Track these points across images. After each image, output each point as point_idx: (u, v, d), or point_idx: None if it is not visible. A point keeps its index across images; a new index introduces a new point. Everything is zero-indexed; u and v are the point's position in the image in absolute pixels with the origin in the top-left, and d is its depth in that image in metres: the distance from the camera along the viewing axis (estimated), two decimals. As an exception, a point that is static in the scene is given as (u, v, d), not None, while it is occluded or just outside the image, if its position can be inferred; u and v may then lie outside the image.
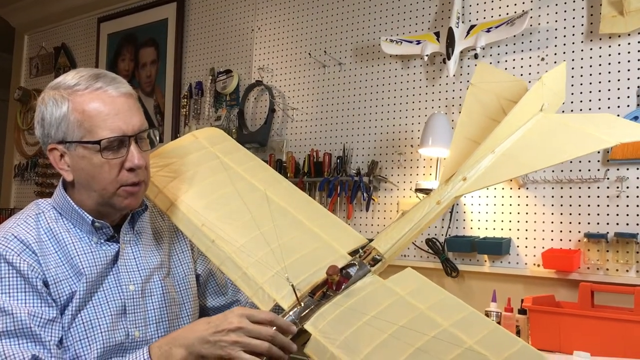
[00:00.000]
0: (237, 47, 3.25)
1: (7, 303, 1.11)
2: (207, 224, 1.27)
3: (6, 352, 1.08)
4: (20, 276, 1.13)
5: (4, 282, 1.12)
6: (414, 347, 0.97)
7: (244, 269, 1.18)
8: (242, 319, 1.06)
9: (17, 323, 1.10)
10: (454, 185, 1.32)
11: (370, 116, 2.70)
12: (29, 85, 4.46)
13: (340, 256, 1.21)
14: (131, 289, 1.25)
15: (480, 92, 1.51)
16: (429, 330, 1.00)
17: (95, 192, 1.20)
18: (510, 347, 0.98)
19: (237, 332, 1.05)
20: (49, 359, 1.11)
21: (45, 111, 1.19)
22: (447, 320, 1.02)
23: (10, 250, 1.14)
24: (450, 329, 1.00)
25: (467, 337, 0.99)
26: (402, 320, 0.98)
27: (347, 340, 1.01)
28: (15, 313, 1.10)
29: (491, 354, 0.96)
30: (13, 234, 1.17)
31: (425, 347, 0.97)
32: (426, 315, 1.03)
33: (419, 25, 2.60)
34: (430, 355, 0.96)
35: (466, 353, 0.96)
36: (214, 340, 1.06)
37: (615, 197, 2.08)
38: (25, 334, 1.11)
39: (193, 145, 1.47)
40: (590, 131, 1.40)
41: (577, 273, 2.10)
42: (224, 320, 1.07)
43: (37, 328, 1.12)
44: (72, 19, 4.23)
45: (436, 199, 1.31)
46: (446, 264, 2.38)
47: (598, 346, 1.73)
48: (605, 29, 2.11)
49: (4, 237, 1.16)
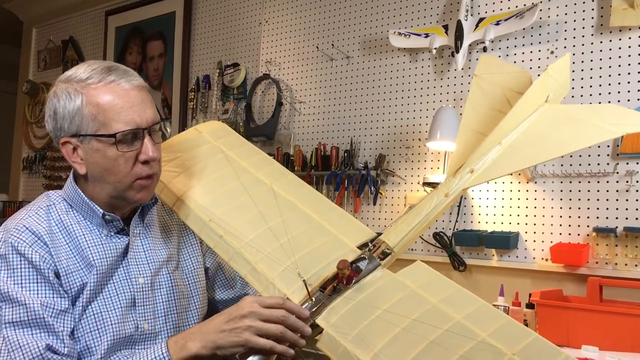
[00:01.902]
0: (244, 40, 3.25)
1: (20, 293, 1.12)
2: (215, 219, 1.26)
3: (20, 342, 1.10)
4: (32, 267, 1.14)
5: (16, 273, 1.13)
6: (428, 340, 0.97)
7: (254, 264, 1.18)
8: (254, 304, 1.07)
9: (30, 313, 1.11)
10: (461, 178, 1.31)
11: (378, 110, 2.70)
12: (37, 78, 4.47)
13: (349, 250, 1.21)
14: (140, 281, 1.26)
15: (485, 83, 1.50)
16: (442, 324, 1.00)
17: (109, 185, 1.21)
18: (523, 340, 0.97)
19: (250, 317, 1.06)
20: (62, 349, 1.12)
21: (58, 104, 1.19)
22: (459, 313, 1.02)
23: (22, 242, 1.15)
24: (463, 321, 1.00)
25: (480, 330, 0.98)
26: (414, 313, 0.98)
27: (360, 334, 1.00)
28: (28, 303, 1.11)
29: (504, 347, 0.95)
30: (25, 225, 1.18)
31: (439, 340, 0.97)
32: (438, 309, 1.03)
33: (427, 18, 2.59)
34: (444, 348, 0.96)
35: (479, 346, 0.96)
36: (228, 328, 1.07)
37: (624, 191, 2.07)
38: (38, 324, 1.12)
39: (197, 139, 1.46)
40: (596, 122, 1.39)
41: (586, 267, 2.10)
42: (236, 309, 1.09)
43: (50, 318, 1.13)
44: (80, 12, 4.24)
45: (444, 191, 1.30)
46: (454, 258, 2.38)
47: (606, 341, 1.73)
48: (616, 21, 2.09)
49: (15, 228, 1.17)
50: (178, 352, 1.10)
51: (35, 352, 1.09)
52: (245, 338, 1.06)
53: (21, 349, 1.09)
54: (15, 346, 1.09)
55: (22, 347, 1.09)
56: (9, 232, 1.17)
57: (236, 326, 1.07)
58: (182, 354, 1.10)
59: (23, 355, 1.09)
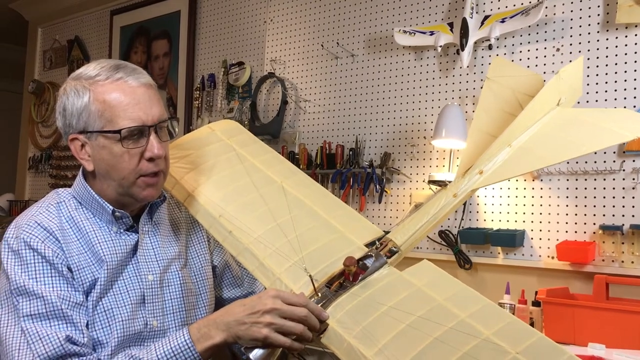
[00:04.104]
0: (249, 39, 3.25)
1: (37, 287, 1.13)
2: (225, 215, 1.27)
3: (40, 334, 1.10)
4: (46, 262, 1.15)
5: (30, 268, 1.14)
6: (432, 337, 0.98)
7: (261, 260, 1.19)
8: (276, 301, 1.07)
9: (48, 305, 1.12)
10: (470, 179, 1.32)
11: (383, 108, 2.70)
12: (43, 78, 4.49)
13: (356, 248, 1.22)
14: (150, 279, 1.26)
15: (496, 86, 1.50)
16: (446, 321, 1.00)
17: (115, 182, 1.21)
18: (528, 339, 0.98)
19: (272, 314, 1.06)
20: (81, 339, 1.13)
21: (67, 101, 1.20)
22: (464, 312, 1.02)
23: (35, 237, 1.16)
24: (468, 320, 1.01)
25: (484, 328, 0.99)
26: (419, 311, 0.99)
27: (365, 330, 1.01)
28: (45, 296, 1.12)
29: (508, 345, 0.96)
30: (36, 221, 1.19)
31: (443, 337, 0.97)
32: (443, 307, 1.03)
33: (432, 16, 2.58)
34: (448, 345, 0.96)
35: (483, 344, 0.96)
36: (250, 322, 1.07)
37: (630, 188, 2.07)
38: (57, 316, 1.12)
39: (210, 137, 1.48)
40: (607, 125, 1.40)
41: (592, 265, 2.09)
42: (259, 302, 1.08)
43: (68, 310, 1.13)
44: (85, 11, 4.25)
45: (453, 191, 1.31)
46: (459, 256, 2.38)
47: (613, 338, 1.72)
48: (622, 18, 2.08)
49: (27, 224, 1.18)
50: (201, 341, 1.10)
51: (56, 342, 1.10)
52: (266, 335, 1.05)
53: (41, 341, 1.09)
54: (35, 338, 1.10)
55: (42, 339, 1.10)
56: (20, 228, 1.18)
57: (258, 321, 1.06)
58: (206, 343, 1.10)
59: (44, 347, 1.09)
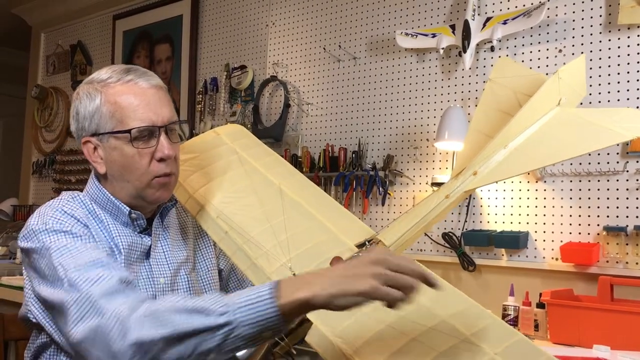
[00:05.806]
0: (251, 42, 3.26)
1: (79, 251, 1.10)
2: (222, 216, 1.30)
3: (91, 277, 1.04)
4: (79, 238, 1.14)
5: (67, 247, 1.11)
6: (410, 338, 0.98)
7: (253, 260, 1.21)
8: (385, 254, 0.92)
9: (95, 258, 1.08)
10: (463, 180, 1.31)
11: (386, 110, 2.69)
12: (46, 82, 4.50)
13: (347, 249, 1.22)
14: (161, 281, 1.28)
15: (497, 87, 1.50)
16: (427, 321, 1.00)
17: (128, 184, 1.22)
18: (507, 340, 0.98)
19: (381, 264, 0.89)
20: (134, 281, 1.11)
21: (80, 105, 1.22)
22: (445, 311, 1.02)
23: (64, 222, 1.16)
24: (448, 320, 1.01)
25: (465, 329, 0.99)
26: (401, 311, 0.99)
27: (347, 329, 1.01)
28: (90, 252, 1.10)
29: (487, 346, 0.96)
30: (63, 209, 1.19)
31: (421, 337, 0.98)
32: (425, 307, 1.03)
33: (434, 18, 2.59)
34: (426, 345, 0.96)
35: (462, 345, 0.96)
36: (351, 274, 0.89)
37: (634, 189, 2.06)
38: (104, 264, 1.07)
39: (214, 141, 1.51)
40: (607, 125, 1.39)
41: (596, 266, 2.08)
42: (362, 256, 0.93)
43: (115, 263, 1.11)
44: (88, 16, 4.27)
45: (445, 192, 1.30)
46: (463, 258, 2.37)
47: (618, 340, 1.72)
48: (624, 19, 2.08)
49: (52, 215, 1.17)
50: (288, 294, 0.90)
51: (113, 280, 1.03)
52: (372, 285, 0.86)
53: (96, 282, 1.02)
54: (89, 282, 1.03)
55: (100, 279, 1.03)
56: (46, 217, 1.16)
57: (362, 272, 0.88)
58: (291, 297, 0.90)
59: (100, 287, 1.02)
